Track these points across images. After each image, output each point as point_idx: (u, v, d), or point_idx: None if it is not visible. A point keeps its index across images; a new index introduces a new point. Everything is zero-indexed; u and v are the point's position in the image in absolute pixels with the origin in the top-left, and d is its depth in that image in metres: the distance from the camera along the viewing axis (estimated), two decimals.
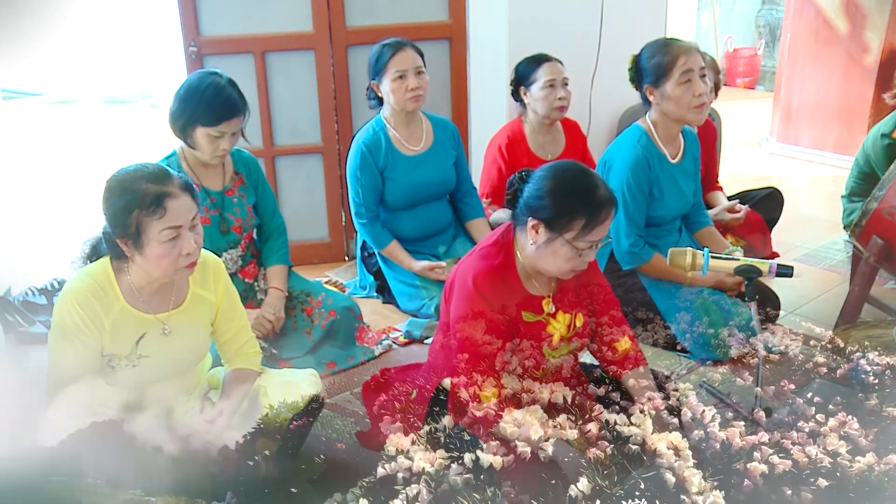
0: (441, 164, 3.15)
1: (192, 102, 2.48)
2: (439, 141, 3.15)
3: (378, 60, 2.96)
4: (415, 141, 3.11)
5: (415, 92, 2.96)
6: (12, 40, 6.84)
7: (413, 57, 2.94)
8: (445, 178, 3.18)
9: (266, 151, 3.49)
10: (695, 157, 2.89)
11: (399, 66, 2.93)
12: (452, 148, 3.20)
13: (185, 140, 2.55)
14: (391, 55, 2.92)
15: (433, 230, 3.20)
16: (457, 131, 3.24)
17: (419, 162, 3.09)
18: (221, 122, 2.48)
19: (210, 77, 2.51)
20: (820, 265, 3.54)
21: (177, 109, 2.51)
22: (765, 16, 7.55)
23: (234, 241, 2.70)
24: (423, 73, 2.97)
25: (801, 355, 2.71)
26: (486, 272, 1.99)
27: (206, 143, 2.52)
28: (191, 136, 2.52)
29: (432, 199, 3.17)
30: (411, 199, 3.11)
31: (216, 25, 3.31)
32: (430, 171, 3.12)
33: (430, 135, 3.15)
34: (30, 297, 3.16)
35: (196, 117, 2.48)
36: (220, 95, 2.48)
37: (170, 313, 1.98)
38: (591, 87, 3.69)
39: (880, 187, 2.58)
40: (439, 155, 3.15)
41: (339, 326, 2.77)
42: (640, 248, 2.74)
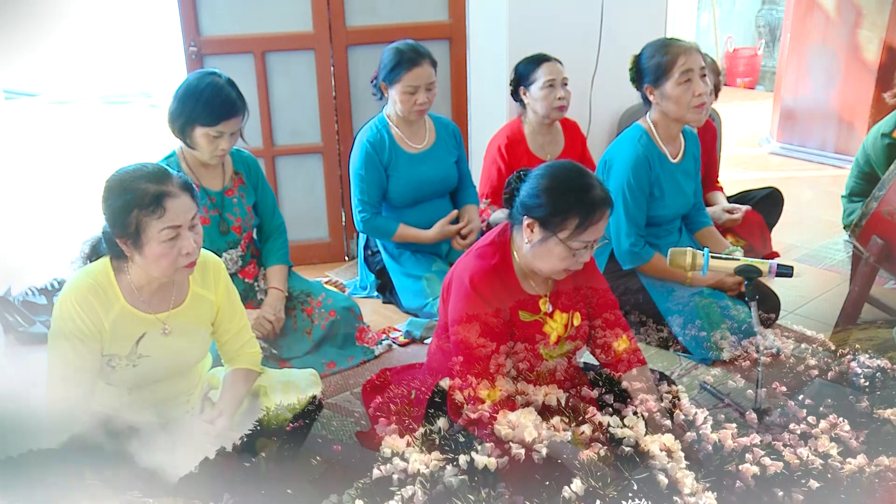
0: (443, 161, 3.16)
1: (190, 102, 2.47)
2: (441, 139, 3.16)
3: (394, 69, 2.94)
4: (417, 139, 3.11)
5: (422, 106, 2.98)
6: (12, 40, 6.85)
7: (428, 73, 2.94)
8: (447, 176, 3.19)
9: (266, 151, 3.49)
10: (695, 157, 2.89)
11: (413, 82, 2.93)
12: (454, 147, 3.21)
13: (184, 140, 2.55)
14: (408, 69, 2.91)
15: None
16: (458, 131, 3.24)
17: (422, 159, 3.10)
18: (220, 122, 2.48)
19: (209, 77, 2.50)
20: (820, 265, 3.54)
21: (175, 109, 2.51)
22: (765, 16, 7.55)
23: (234, 241, 2.70)
24: (433, 87, 2.98)
25: (801, 355, 2.71)
26: (483, 271, 1.99)
27: (205, 143, 2.51)
28: (190, 136, 2.52)
29: (434, 196, 3.18)
30: (414, 197, 3.12)
31: (216, 25, 3.31)
32: (433, 169, 3.12)
33: (432, 133, 3.15)
34: (30, 297, 3.16)
35: (195, 117, 2.48)
36: (219, 95, 2.47)
37: (170, 313, 1.98)
38: (591, 87, 3.69)
39: (880, 187, 2.57)
40: (441, 153, 3.15)
41: (339, 326, 2.77)
42: (640, 247, 2.74)
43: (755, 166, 5.12)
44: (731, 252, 2.67)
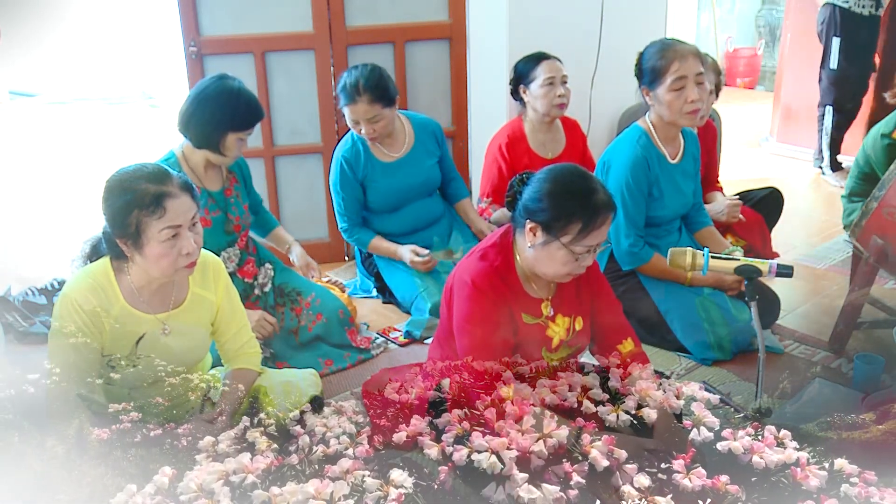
0: (421, 164, 3.17)
1: (228, 109, 2.52)
2: (420, 142, 3.17)
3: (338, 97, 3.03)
4: (395, 147, 3.14)
5: (371, 135, 3.03)
6: (13, 41, 6.85)
7: (364, 110, 2.96)
8: (428, 179, 3.21)
9: (266, 151, 3.50)
10: (695, 157, 2.89)
11: (353, 116, 2.99)
12: (435, 147, 3.22)
13: (209, 146, 2.56)
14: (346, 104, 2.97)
15: (423, 224, 3.22)
16: (439, 129, 3.25)
17: (398, 167, 3.12)
18: (252, 126, 2.59)
19: (232, 82, 2.56)
20: (820, 265, 3.54)
21: (204, 116, 2.52)
22: (765, 16, 7.55)
23: (233, 239, 2.72)
24: (377, 119, 2.99)
25: (802, 355, 2.71)
26: (485, 272, 1.99)
27: (234, 147, 2.58)
28: (222, 141, 2.55)
29: (417, 198, 3.20)
30: (394, 203, 3.15)
31: (216, 25, 3.31)
32: (411, 174, 3.14)
33: (410, 138, 3.17)
34: (30, 297, 3.17)
35: (232, 123, 2.53)
36: (252, 101, 2.59)
37: (170, 313, 1.98)
38: (591, 86, 3.69)
39: (880, 187, 2.57)
40: (420, 156, 3.17)
41: (329, 329, 2.79)
42: (639, 248, 2.74)
43: (755, 166, 5.12)
44: (731, 252, 2.67)
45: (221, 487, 1.42)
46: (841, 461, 1.54)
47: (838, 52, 4.53)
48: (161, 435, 1.62)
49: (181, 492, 1.43)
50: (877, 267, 2.66)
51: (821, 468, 1.52)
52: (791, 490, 1.50)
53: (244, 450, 1.56)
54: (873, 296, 2.82)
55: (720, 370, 2.61)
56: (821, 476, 1.49)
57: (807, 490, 1.48)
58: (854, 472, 1.51)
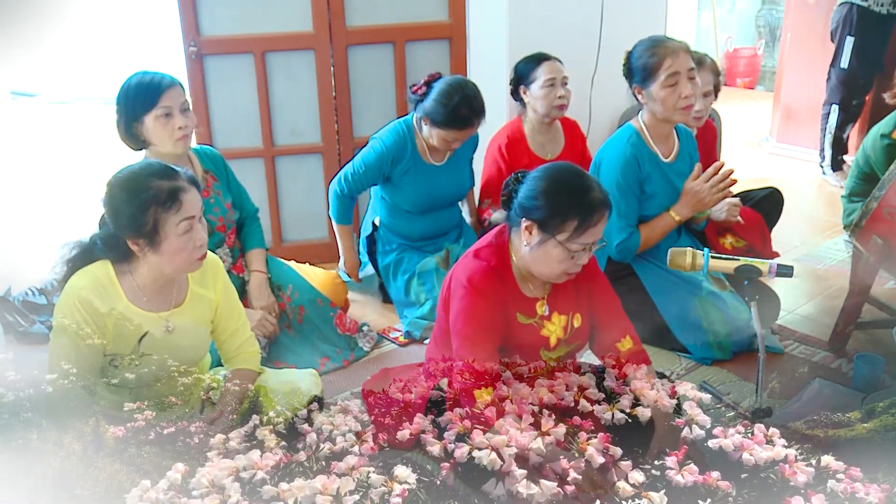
0: (459, 173, 3.19)
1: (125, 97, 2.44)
2: (459, 151, 3.14)
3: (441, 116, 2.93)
4: (440, 154, 3.10)
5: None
6: (13, 41, 6.86)
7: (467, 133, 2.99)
8: (461, 189, 3.24)
9: (266, 151, 3.50)
10: (691, 156, 2.88)
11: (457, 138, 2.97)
12: (470, 152, 3.25)
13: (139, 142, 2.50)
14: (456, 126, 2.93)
15: (441, 232, 3.23)
16: (476, 136, 3.22)
17: (439, 172, 3.11)
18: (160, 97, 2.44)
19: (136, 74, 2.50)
20: (820, 265, 3.55)
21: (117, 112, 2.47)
22: (765, 16, 7.55)
23: (220, 239, 2.70)
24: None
25: (802, 355, 2.71)
26: (481, 272, 1.99)
27: (159, 129, 2.45)
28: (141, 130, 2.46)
29: (444, 206, 3.20)
30: (424, 206, 3.13)
31: (216, 25, 3.31)
32: (448, 182, 3.15)
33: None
34: (30, 297, 3.17)
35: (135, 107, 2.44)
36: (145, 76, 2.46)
37: (171, 312, 1.98)
38: (591, 86, 3.69)
39: (880, 187, 2.57)
40: (459, 164, 3.18)
41: (313, 319, 2.80)
42: (628, 238, 2.72)
43: (755, 166, 5.11)
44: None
45: (232, 483, 1.48)
46: (827, 458, 1.59)
47: (850, 52, 4.52)
48: (174, 433, 1.66)
49: (193, 487, 1.47)
50: (877, 267, 2.66)
51: (808, 465, 1.57)
52: (779, 486, 1.55)
53: (254, 447, 1.61)
54: (873, 296, 2.82)
55: (720, 370, 2.61)
56: (808, 472, 1.54)
57: (795, 486, 1.53)
58: (840, 468, 1.56)
